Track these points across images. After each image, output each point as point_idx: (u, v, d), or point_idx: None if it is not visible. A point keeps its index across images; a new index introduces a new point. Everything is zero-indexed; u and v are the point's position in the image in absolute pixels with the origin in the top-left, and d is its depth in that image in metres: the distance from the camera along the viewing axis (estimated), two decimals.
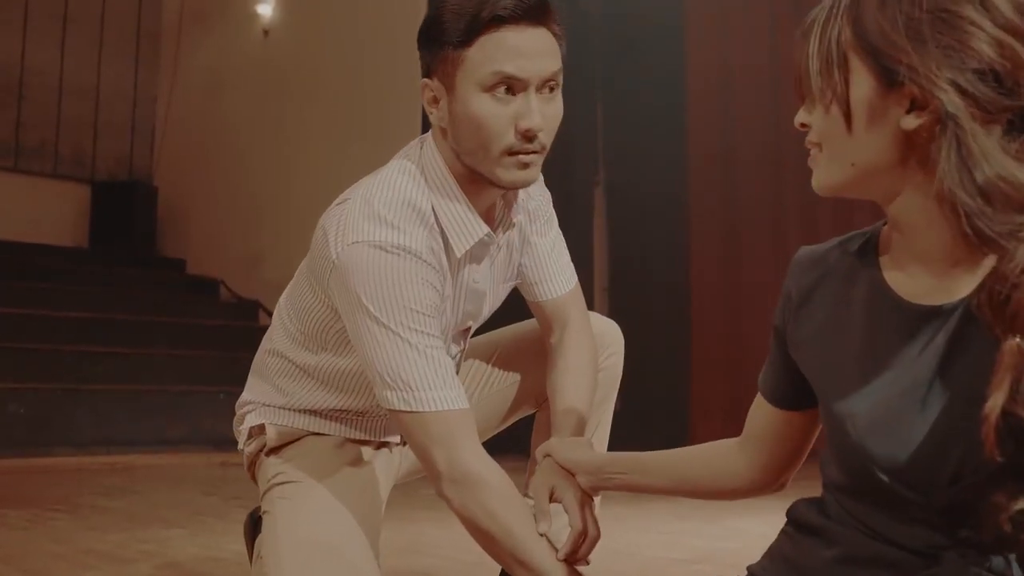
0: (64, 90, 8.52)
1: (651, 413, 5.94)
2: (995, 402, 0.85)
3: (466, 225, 1.50)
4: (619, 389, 1.86)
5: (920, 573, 0.95)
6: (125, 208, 8.40)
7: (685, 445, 1.32)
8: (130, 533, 2.97)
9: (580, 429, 1.61)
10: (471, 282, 1.59)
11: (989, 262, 0.91)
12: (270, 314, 7.74)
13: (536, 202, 1.70)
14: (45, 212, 8.22)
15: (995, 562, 0.93)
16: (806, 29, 0.99)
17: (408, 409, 1.41)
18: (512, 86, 1.40)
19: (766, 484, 1.22)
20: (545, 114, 1.43)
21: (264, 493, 1.67)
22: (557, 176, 7.96)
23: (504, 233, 1.61)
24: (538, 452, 1.52)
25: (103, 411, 5.77)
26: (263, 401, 1.73)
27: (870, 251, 1.05)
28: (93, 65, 8.70)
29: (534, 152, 1.44)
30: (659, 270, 6.42)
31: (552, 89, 1.44)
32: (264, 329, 7.23)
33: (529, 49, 1.39)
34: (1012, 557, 0.93)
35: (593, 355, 1.73)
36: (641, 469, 1.35)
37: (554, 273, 1.74)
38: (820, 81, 0.97)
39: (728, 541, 2.83)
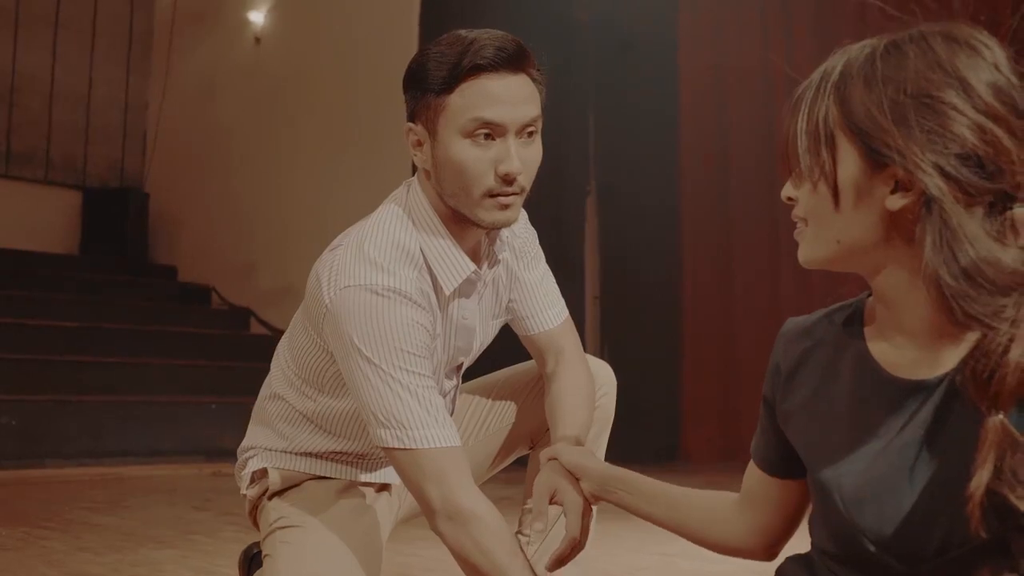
0: (55, 96, 8.50)
1: (643, 420, 5.95)
2: (980, 480, 0.86)
3: (454, 263, 1.55)
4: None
5: None
6: (116, 215, 8.38)
7: (677, 452, 1.33)
8: (122, 554, 2.97)
9: (581, 443, 1.62)
10: (460, 319, 1.62)
11: (973, 336, 0.93)
12: (262, 322, 7.78)
13: (521, 239, 1.74)
14: (36, 219, 8.19)
15: None
16: (794, 104, 1.01)
17: (401, 447, 1.45)
18: (492, 131, 1.46)
19: (760, 547, 1.24)
20: (524, 159, 1.48)
21: (266, 537, 1.69)
22: (549, 184, 7.97)
23: (490, 269, 1.65)
24: (543, 455, 1.53)
25: (93, 422, 5.75)
26: (265, 446, 1.75)
27: (856, 323, 1.07)
28: (84, 71, 8.68)
29: (514, 194, 1.50)
30: (651, 278, 6.43)
31: (531, 134, 1.50)
32: (255, 337, 7.23)
33: (508, 96, 1.45)
34: None
35: (589, 378, 1.76)
36: (643, 495, 1.35)
37: (544, 307, 1.77)
38: (808, 159, 0.99)
39: (720, 564, 2.80)
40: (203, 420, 6.11)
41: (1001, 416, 0.88)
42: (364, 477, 1.74)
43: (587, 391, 1.73)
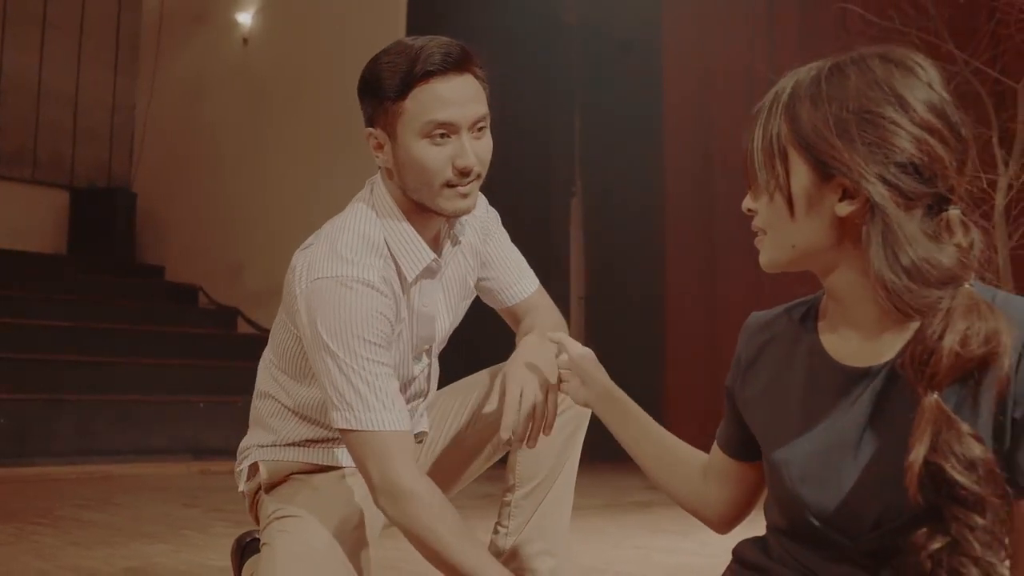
0: (43, 96, 8.52)
1: None
2: (917, 453, 0.96)
3: (416, 252, 1.68)
4: None
5: None
6: (104, 215, 8.41)
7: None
8: (113, 548, 3.02)
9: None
10: (421, 306, 1.74)
11: (913, 326, 1.03)
12: (249, 321, 7.82)
13: (482, 220, 1.86)
14: (23, 218, 8.21)
15: None
16: (752, 121, 1.09)
17: (350, 427, 1.57)
18: (447, 131, 1.59)
19: (716, 517, 1.33)
20: (477, 152, 1.62)
21: (264, 527, 1.76)
22: (535, 186, 8.02)
23: (453, 247, 1.78)
24: (552, 336, 1.63)
25: (82, 421, 5.79)
26: (257, 443, 1.86)
27: (811, 318, 1.17)
28: (72, 71, 8.70)
29: (471, 182, 1.63)
30: (635, 279, 6.51)
31: (481, 129, 1.63)
32: (243, 337, 7.26)
33: (457, 97, 1.59)
34: None
35: (561, 322, 1.89)
36: (634, 427, 1.41)
37: (515, 279, 1.91)
38: (764, 173, 1.09)
39: (698, 557, 2.91)
40: (191, 419, 6.15)
41: (936, 396, 0.97)
42: (346, 461, 1.82)
43: (560, 325, 1.86)
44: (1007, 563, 0.98)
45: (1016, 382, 0.99)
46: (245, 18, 8.18)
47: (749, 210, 1.12)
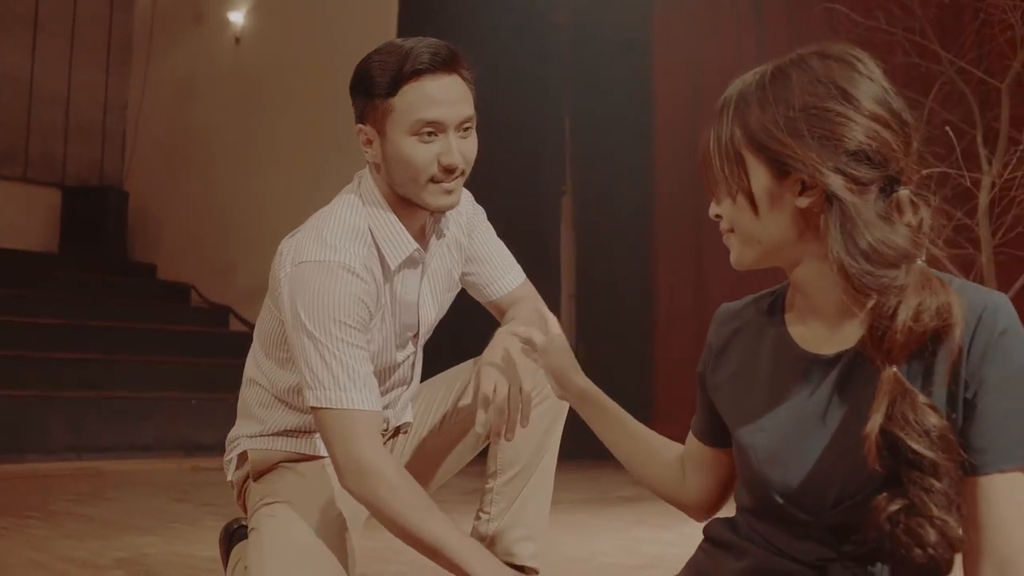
0: (35, 95, 8.53)
1: None
2: (875, 422, 1.02)
3: (399, 242, 1.73)
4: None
5: None
6: (96, 213, 8.42)
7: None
8: (105, 540, 3.06)
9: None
10: (403, 294, 1.79)
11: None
12: (241, 320, 7.84)
13: (467, 215, 1.91)
14: (15, 217, 8.23)
15: (871, 571, 1.09)
16: (704, 132, 1.15)
17: (318, 405, 1.62)
18: (434, 129, 1.65)
19: (694, 505, 1.37)
20: (463, 150, 1.68)
21: (252, 513, 1.80)
22: (525, 185, 8.03)
23: (438, 240, 1.83)
24: (516, 330, 1.61)
25: (74, 417, 5.82)
26: (245, 433, 1.90)
27: (777, 308, 1.22)
28: (64, 70, 8.72)
29: (455, 179, 1.69)
30: (625, 277, 6.54)
31: (467, 129, 1.69)
32: (234, 335, 7.28)
33: (445, 97, 1.65)
34: (886, 568, 1.09)
35: (544, 307, 1.91)
36: (611, 422, 1.44)
37: (501, 274, 1.96)
38: (723, 178, 1.14)
39: (679, 547, 2.94)
40: (183, 416, 6.19)
41: (894, 368, 1.03)
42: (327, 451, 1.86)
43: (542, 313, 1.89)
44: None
45: (967, 364, 1.04)
46: (237, 17, 8.21)
47: (716, 216, 1.18)
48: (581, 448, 2.10)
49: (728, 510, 1.36)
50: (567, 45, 6.98)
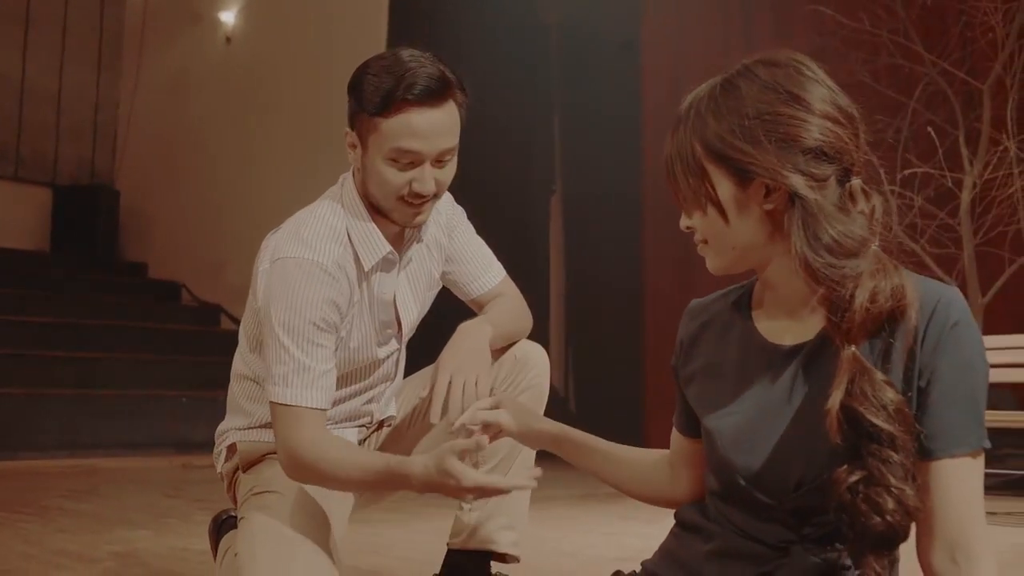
0: (26, 93, 8.55)
1: (606, 416, 6.11)
2: (835, 398, 1.07)
3: (374, 244, 1.79)
4: (575, 392, 2.06)
5: (773, 563, 1.16)
6: (87, 212, 8.45)
7: (639, 445, 1.47)
8: (98, 535, 3.09)
9: (493, 322, 1.87)
10: (380, 293, 1.84)
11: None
12: (231, 318, 7.87)
13: (447, 216, 1.96)
14: (6, 216, 8.24)
15: (831, 553, 1.15)
16: (666, 150, 1.20)
17: (273, 400, 1.69)
18: (412, 160, 1.69)
19: (686, 500, 1.39)
20: (437, 179, 1.72)
21: (242, 503, 1.85)
22: (515, 185, 8.07)
23: (417, 244, 1.88)
24: (498, 397, 1.55)
25: (66, 415, 5.84)
26: (234, 426, 1.96)
27: (745, 302, 1.28)
28: (55, 68, 8.73)
29: (426, 203, 1.74)
30: (614, 276, 6.59)
31: (446, 159, 1.72)
32: (225, 333, 7.31)
33: (429, 131, 1.67)
34: (843, 549, 1.14)
35: (524, 309, 1.99)
36: (585, 452, 1.45)
37: (481, 272, 2.01)
38: (690, 192, 1.19)
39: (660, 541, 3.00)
40: (174, 414, 6.22)
41: (853, 348, 1.09)
42: None
43: (518, 309, 1.97)
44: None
45: (921, 355, 1.10)
46: (228, 16, 8.24)
47: (688, 228, 1.23)
48: None
49: None
50: (557, 44, 7.02)
